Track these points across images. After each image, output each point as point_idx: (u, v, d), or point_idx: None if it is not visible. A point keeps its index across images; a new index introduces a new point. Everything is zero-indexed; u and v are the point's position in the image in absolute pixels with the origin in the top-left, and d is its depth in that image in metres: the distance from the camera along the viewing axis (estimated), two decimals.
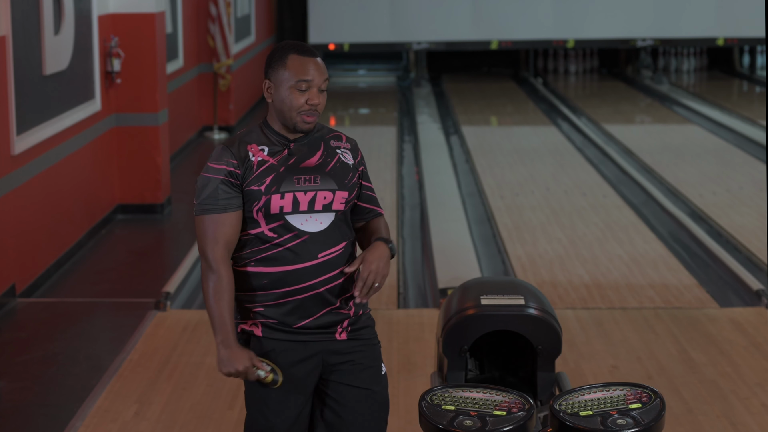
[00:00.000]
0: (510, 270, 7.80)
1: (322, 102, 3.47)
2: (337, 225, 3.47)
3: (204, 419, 5.22)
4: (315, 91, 3.44)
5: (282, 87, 3.44)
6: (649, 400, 3.07)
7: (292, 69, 3.43)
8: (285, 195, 3.41)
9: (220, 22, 13.13)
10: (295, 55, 3.45)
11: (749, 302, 7.07)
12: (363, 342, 3.53)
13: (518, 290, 4.12)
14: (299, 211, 3.42)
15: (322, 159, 3.49)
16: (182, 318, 6.70)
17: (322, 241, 3.43)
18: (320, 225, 3.44)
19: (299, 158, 3.47)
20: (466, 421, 3.03)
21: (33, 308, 7.00)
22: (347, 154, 3.54)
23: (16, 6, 7.02)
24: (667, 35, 18.73)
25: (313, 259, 3.42)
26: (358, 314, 3.53)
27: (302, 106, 3.43)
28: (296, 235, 3.42)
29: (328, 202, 3.45)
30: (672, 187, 10.51)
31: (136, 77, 9.23)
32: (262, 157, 3.45)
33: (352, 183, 3.51)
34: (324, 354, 3.48)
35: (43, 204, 7.58)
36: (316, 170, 3.46)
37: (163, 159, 9.48)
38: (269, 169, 3.43)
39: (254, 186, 3.41)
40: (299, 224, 3.42)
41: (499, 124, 15.17)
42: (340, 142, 3.56)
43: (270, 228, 3.43)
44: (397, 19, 18.42)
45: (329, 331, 3.48)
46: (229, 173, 3.41)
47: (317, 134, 3.53)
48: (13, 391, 5.67)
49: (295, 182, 3.43)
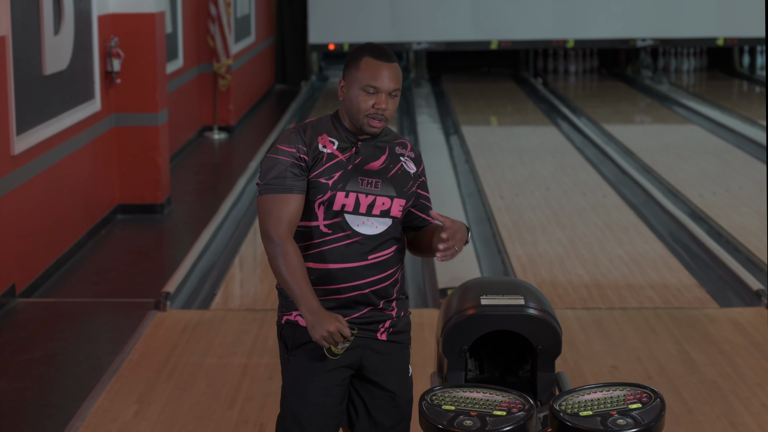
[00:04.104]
0: (510, 270, 7.80)
1: (391, 108, 3.46)
2: (391, 230, 3.50)
3: (204, 419, 5.22)
4: (384, 96, 3.44)
5: (353, 87, 3.46)
6: (649, 400, 3.07)
7: (364, 71, 3.44)
8: (349, 194, 3.44)
9: (220, 22, 13.13)
10: (370, 57, 3.46)
11: (749, 302, 7.07)
12: (400, 345, 3.58)
13: (518, 290, 4.11)
14: (359, 212, 3.45)
15: (385, 164, 3.51)
16: (182, 318, 6.70)
17: (373, 244, 3.46)
18: (375, 229, 3.47)
19: (364, 159, 3.49)
20: (466, 421, 3.03)
21: (33, 308, 7.00)
22: (410, 163, 3.56)
23: (16, 6, 7.02)
24: (667, 35, 18.73)
25: (363, 260, 3.45)
26: (399, 316, 3.57)
27: (369, 110, 3.44)
28: (350, 235, 3.45)
29: (386, 208, 3.48)
30: (672, 187, 10.51)
31: (136, 77, 9.23)
32: (331, 150, 3.46)
33: (411, 191, 3.54)
34: (364, 350, 3.51)
35: (43, 204, 7.58)
36: (378, 174, 3.48)
37: (163, 159, 9.48)
38: (338, 165, 3.45)
39: (322, 178, 3.43)
40: (356, 225, 3.45)
41: (499, 124, 15.17)
42: (405, 150, 3.58)
43: (326, 224, 3.45)
44: (397, 19, 18.42)
45: (371, 329, 3.51)
46: (299, 158, 3.43)
47: (384, 138, 3.55)
48: (13, 391, 5.67)
49: (360, 183, 3.45)
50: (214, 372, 5.77)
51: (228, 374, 5.75)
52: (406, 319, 3.60)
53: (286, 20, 18.73)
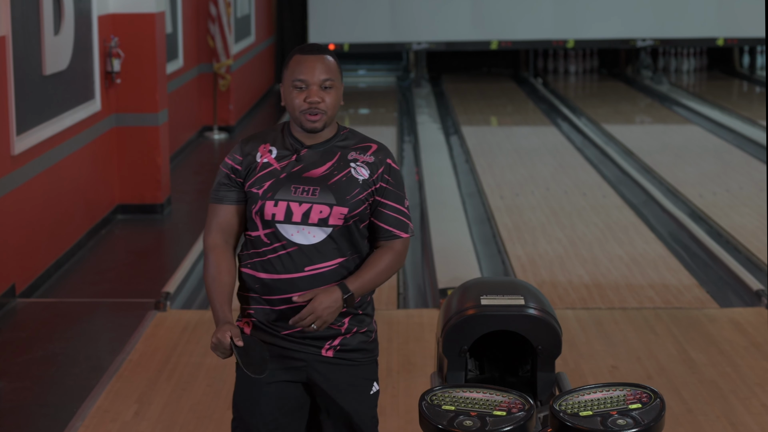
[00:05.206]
0: (510, 270, 7.80)
1: (328, 101, 3.37)
2: (334, 240, 3.37)
3: (204, 419, 5.22)
4: (315, 89, 3.35)
5: (285, 88, 3.40)
6: (649, 401, 3.07)
7: (292, 69, 3.38)
8: (279, 203, 3.35)
9: (220, 22, 13.13)
10: (298, 54, 3.40)
11: (749, 302, 7.07)
12: (351, 363, 3.45)
13: (518, 290, 4.11)
14: (291, 221, 3.35)
15: (329, 170, 3.38)
16: (182, 318, 6.70)
17: (311, 255, 3.36)
18: (313, 238, 3.36)
19: (306, 166, 3.38)
20: (466, 422, 3.02)
21: (33, 308, 7.00)
22: (362, 169, 3.39)
23: (16, 6, 7.02)
24: (667, 35, 18.73)
25: (300, 272, 3.36)
26: (352, 332, 3.45)
27: (302, 105, 3.35)
28: (285, 245, 3.36)
29: (324, 217, 3.35)
30: (672, 187, 10.51)
31: (136, 77, 9.23)
32: (268, 159, 3.40)
33: (356, 200, 3.37)
34: (308, 368, 3.43)
35: (43, 204, 7.58)
36: (317, 182, 3.36)
37: (163, 159, 9.48)
38: (270, 174, 3.38)
39: (254, 188, 3.38)
40: (289, 235, 3.36)
41: (499, 124, 15.17)
42: (362, 155, 3.42)
43: (265, 233, 3.39)
44: (397, 19, 18.42)
45: (315, 345, 3.42)
46: (232, 168, 3.42)
47: (340, 143, 3.43)
48: (13, 391, 5.67)
49: (293, 191, 3.35)
50: (214, 372, 5.77)
51: (228, 374, 5.75)
52: (362, 337, 3.46)
53: (286, 20, 18.73)
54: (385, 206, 3.42)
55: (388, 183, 3.42)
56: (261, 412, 3.45)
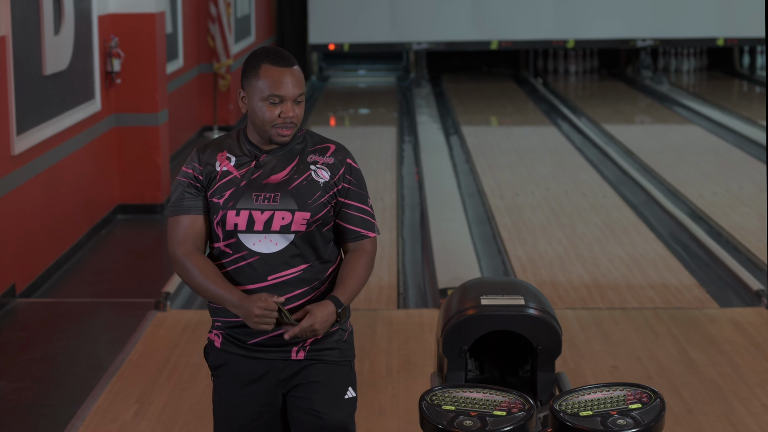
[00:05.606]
0: (510, 270, 7.80)
1: (298, 113, 3.27)
2: (297, 247, 3.29)
3: (204, 419, 5.21)
4: (289, 104, 3.24)
5: (254, 98, 3.26)
6: (649, 401, 3.07)
7: (264, 80, 3.23)
8: (240, 212, 3.27)
9: (220, 22, 13.13)
10: (268, 65, 3.25)
11: (749, 302, 7.07)
12: (324, 363, 3.38)
13: (518, 290, 4.12)
14: (254, 230, 3.27)
15: (288, 175, 3.29)
16: (182, 318, 6.70)
17: (274, 264, 3.28)
18: (275, 246, 3.28)
19: (265, 172, 3.30)
20: (466, 422, 3.02)
21: (33, 308, 7.00)
22: (323, 171, 3.31)
23: (16, 6, 7.02)
24: (667, 35, 18.73)
25: (262, 282, 3.29)
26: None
27: (275, 120, 3.25)
28: (246, 256, 3.29)
29: (286, 224, 3.26)
30: (672, 187, 10.51)
31: (136, 77, 9.23)
32: (227, 167, 3.31)
33: (318, 203, 3.29)
34: (277, 372, 3.36)
35: (43, 204, 7.58)
36: (278, 188, 3.28)
37: (163, 159, 9.48)
38: (230, 183, 3.29)
39: (215, 198, 3.30)
40: (251, 244, 3.28)
41: (499, 125, 15.17)
42: (322, 157, 3.33)
43: (225, 244, 3.32)
44: (397, 19, 18.42)
45: (284, 350, 3.35)
46: (194, 177, 3.32)
47: (298, 146, 3.34)
48: (13, 391, 5.67)
49: (254, 199, 3.27)
50: None
51: None
52: (334, 335, 3.38)
53: (286, 20, 18.73)
54: (349, 207, 3.35)
55: (350, 183, 3.35)
56: (238, 423, 3.40)
